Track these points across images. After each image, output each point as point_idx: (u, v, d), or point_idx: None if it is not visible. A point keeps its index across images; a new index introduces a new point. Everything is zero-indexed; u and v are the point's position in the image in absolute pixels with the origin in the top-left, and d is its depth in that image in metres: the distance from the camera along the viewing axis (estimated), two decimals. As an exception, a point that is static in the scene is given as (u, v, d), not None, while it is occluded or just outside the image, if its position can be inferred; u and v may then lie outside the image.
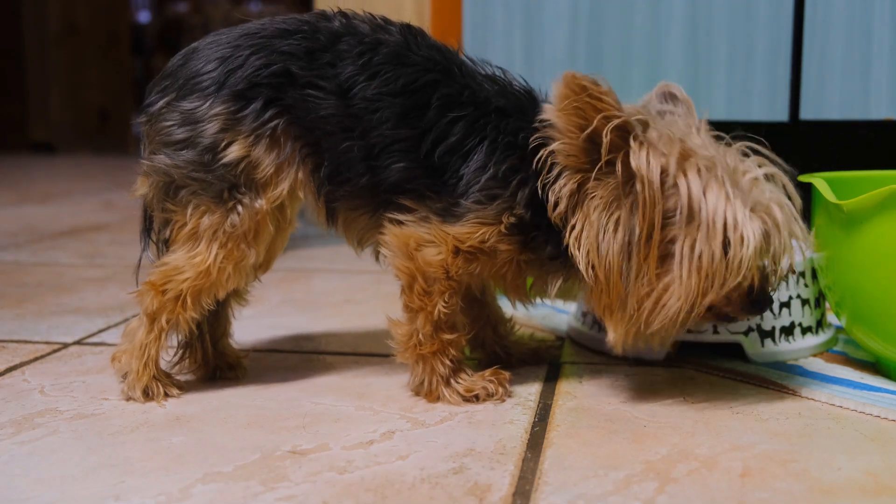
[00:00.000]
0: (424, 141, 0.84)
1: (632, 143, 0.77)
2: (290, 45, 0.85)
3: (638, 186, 0.77)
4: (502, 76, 0.89)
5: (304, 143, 0.86)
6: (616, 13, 1.44)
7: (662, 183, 0.77)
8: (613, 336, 0.82)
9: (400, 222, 0.85)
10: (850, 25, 1.28)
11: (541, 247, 0.85)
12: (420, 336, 0.86)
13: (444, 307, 0.85)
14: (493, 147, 0.83)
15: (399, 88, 0.84)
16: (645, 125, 0.79)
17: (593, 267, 0.80)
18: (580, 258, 0.80)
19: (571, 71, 0.77)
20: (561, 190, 0.80)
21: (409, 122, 0.84)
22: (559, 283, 0.88)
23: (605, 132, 0.77)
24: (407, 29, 0.88)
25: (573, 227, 0.81)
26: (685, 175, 0.78)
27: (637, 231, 0.77)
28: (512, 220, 0.83)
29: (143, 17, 6.11)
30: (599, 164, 0.78)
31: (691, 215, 0.77)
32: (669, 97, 0.88)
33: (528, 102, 0.87)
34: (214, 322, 0.94)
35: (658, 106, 0.88)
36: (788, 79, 1.35)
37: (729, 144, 0.82)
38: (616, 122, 0.77)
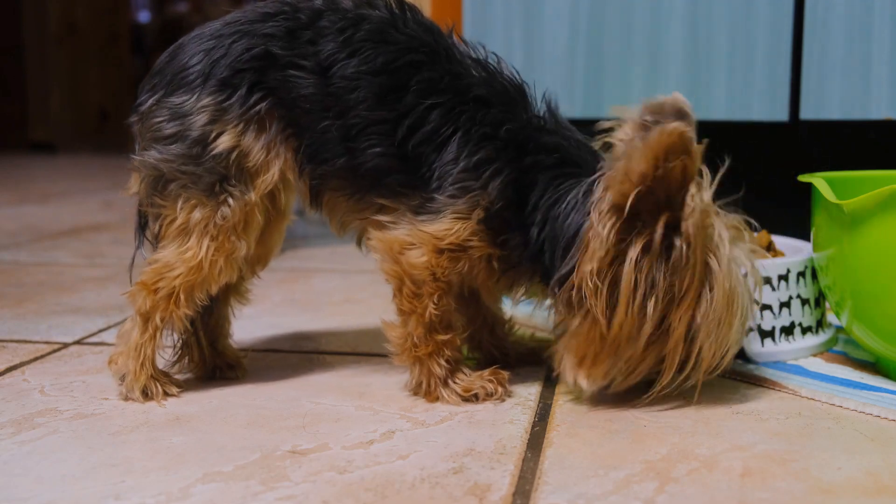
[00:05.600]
0: (400, 126, 0.82)
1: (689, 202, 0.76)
2: (270, 28, 0.84)
3: (682, 247, 0.77)
4: (495, 63, 0.86)
5: (287, 124, 0.85)
6: (616, 13, 1.44)
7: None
8: (587, 384, 0.82)
9: (383, 224, 0.85)
10: (850, 25, 1.28)
11: (512, 247, 0.84)
12: (414, 338, 0.85)
13: (434, 309, 0.84)
14: (466, 138, 0.82)
15: (378, 67, 0.83)
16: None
17: (607, 315, 0.78)
18: (594, 302, 0.78)
19: (682, 128, 0.73)
20: (604, 230, 0.77)
21: (386, 103, 0.83)
22: (522, 290, 0.88)
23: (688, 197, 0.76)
24: (397, 4, 0.86)
25: (592, 268, 0.78)
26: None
27: (671, 290, 0.78)
28: (482, 213, 0.82)
29: (143, 16, 6.11)
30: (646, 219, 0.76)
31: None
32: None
33: (516, 94, 0.85)
34: (215, 321, 0.94)
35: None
36: (788, 79, 1.34)
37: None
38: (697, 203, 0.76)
